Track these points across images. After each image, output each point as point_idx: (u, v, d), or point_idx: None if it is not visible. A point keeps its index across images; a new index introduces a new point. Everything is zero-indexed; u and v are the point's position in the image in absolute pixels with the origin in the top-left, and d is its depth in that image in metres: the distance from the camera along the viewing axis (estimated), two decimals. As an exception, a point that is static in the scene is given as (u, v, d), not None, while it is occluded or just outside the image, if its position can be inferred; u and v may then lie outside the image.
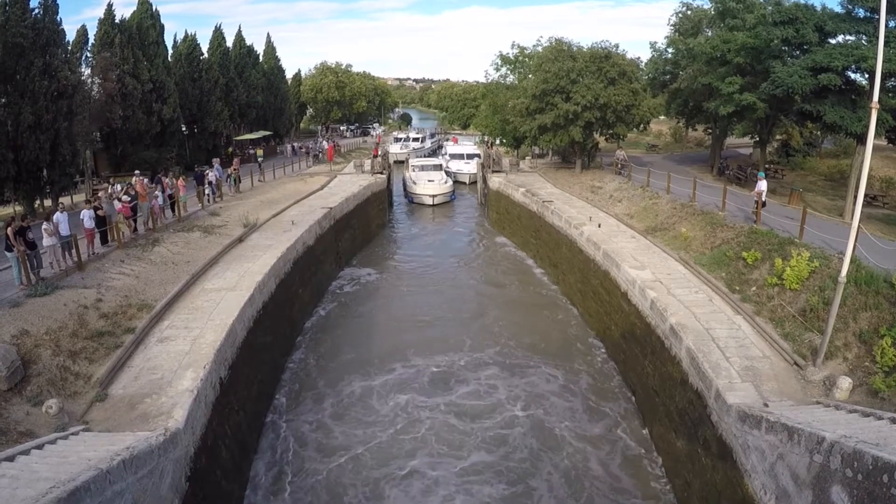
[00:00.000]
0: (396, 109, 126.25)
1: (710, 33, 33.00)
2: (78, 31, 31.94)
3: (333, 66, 78.11)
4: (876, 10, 20.59)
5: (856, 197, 10.56)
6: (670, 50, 36.64)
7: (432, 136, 72.67)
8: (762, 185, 18.42)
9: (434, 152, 61.95)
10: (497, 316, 21.14)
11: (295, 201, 28.34)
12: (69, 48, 27.45)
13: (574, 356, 17.94)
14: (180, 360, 11.44)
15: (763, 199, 18.42)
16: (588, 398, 15.58)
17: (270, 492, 12.10)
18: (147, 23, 35.41)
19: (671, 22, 37.42)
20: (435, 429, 14.10)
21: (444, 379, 16.50)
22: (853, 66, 22.07)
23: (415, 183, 40.32)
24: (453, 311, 21.62)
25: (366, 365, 17.32)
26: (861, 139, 21.32)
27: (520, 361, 17.55)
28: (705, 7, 35.58)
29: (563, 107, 29.66)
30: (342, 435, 13.90)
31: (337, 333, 19.79)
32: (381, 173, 37.35)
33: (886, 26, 15.34)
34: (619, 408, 15.17)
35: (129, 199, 19.08)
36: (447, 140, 70.59)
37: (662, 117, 47.08)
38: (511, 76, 41.10)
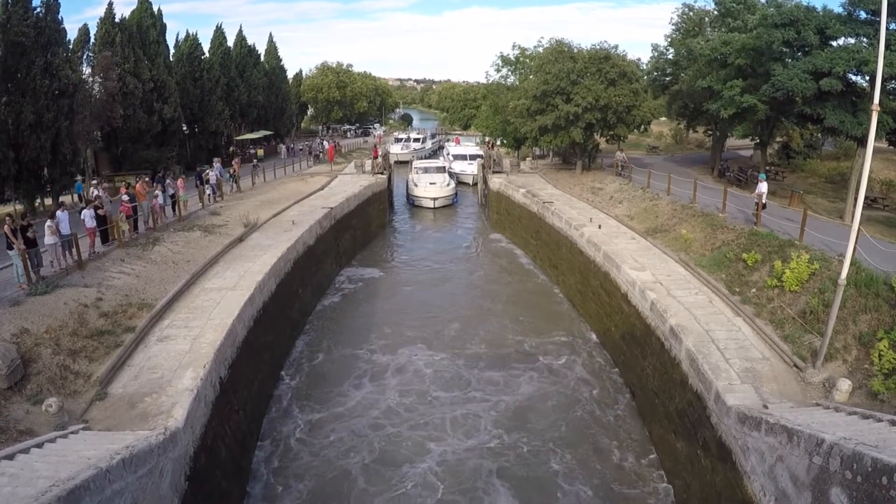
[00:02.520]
0: (397, 110, 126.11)
1: (710, 34, 32.97)
2: (79, 30, 32.11)
3: (334, 66, 78.24)
4: (877, 13, 20.58)
5: (856, 199, 10.56)
6: (671, 51, 36.65)
7: (433, 136, 72.53)
8: (762, 186, 18.44)
9: (435, 153, 61.82)
10: (496, 317, 21.12)
11: (295, 201, 28.36)
12: (70, 47, 27.47)
13: (574, 357, 17.92)
14: (180, 360, 11.44)
15: (763, 201, 18.43)
16: (587, 398, 15.57)
17: (270, 491, 12.09)
18: (147, 22, 35.44)
19: (672, 21, 37.47)
20: (435, 435, 14.10)
21: (444, 377, 16.51)
22: (854, 70, 22.06)
23: (416, 185, 39.98)
24: (452, 310, 21.60)
25: (365, 362, 17.36)
26: (861, 142, 21.31)
27: (519, 361, 17.55)
28: (707, 7, 35.63)
29: (563, 108, 29.67)
30: (343, 433, 13.89)
31: (337, 331, 19.80)
32: (382, 174, 37.37)
33: (887, 29, 15.33)
34: (618, 408, 15.17)
35: (128, 198, 19.10)
36: (448, 140, 70.53)
37: (663, 119, 47.07)
38: (512, 77, 41.16)
